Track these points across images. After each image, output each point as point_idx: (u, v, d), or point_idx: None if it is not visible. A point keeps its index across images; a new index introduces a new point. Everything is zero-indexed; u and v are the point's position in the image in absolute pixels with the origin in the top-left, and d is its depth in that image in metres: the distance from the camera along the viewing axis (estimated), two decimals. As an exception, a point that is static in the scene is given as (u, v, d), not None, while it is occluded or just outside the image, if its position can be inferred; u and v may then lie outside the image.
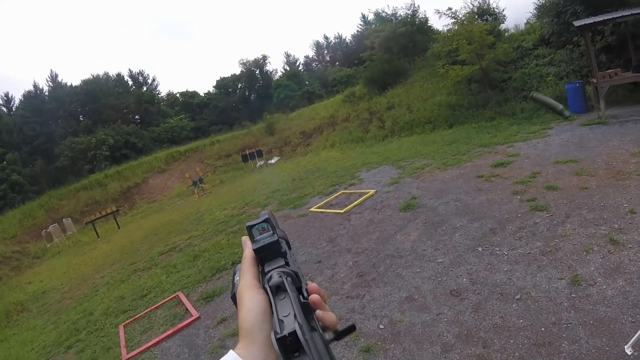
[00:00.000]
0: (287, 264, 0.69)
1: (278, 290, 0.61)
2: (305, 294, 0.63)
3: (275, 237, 0.70)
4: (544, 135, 10.89)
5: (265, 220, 0.73)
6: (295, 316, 0.54)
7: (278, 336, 0.51)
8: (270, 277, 0.64)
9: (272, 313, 0.59)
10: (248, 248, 0.73)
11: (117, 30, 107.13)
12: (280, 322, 0.55)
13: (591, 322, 3.59)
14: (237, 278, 0.72)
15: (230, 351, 0.57)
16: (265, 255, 0.70)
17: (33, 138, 41.90)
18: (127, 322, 6.95)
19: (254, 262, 0.71)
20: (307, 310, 0.59)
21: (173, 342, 5.73)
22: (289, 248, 0.76)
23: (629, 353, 3.11)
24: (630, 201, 5.61)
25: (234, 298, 0.69)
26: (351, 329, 0.60)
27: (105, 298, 8.78)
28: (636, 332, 3.14)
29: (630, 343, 3.14)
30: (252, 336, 0.59)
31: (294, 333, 0.50)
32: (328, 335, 0.58)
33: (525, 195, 6.95)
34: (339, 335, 0.59)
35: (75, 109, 49.15)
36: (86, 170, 35.52)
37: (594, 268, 4.34)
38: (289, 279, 0.64)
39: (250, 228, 0.73)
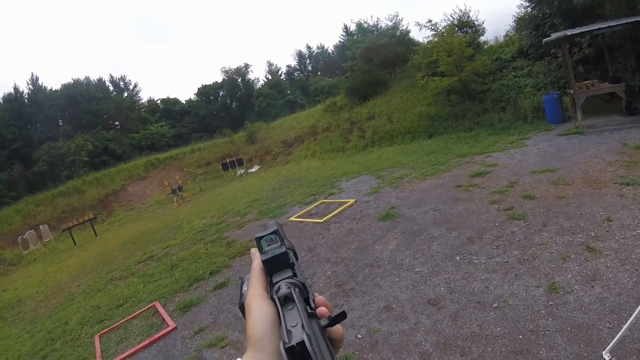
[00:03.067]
0: (294, 274, 0.69)
1: (286, 300, 0.62)
2: (313, 305, 0.65)
3: (283, 249, 0.71)
4: (522, 145, 11.00)
5: (274, 232, 0.74)
6: (303, 326, 0.55)
7: (287, 346, 0.51)
8: (279, 288, 0.65)
9: (280, 323, 0.59)
10: (257, 259, 0.74)
11: (99, 35, 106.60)
12: (289, 332, 0.55)
13: (569, 328, 3.59)
14: (245, 288, 0.73)
15: (238, 359, 0.57)
16: (273, 267, 0.71)
17: (11, 142, 40.93)
18: (103, 332, 6.80)
19: (262, 273, 0.72)
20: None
21: (149, 353, 5.62)
22: (297, 259, 0.77)
23: (607, 358, 3.11)
24: (607, 209, 5.67)
25: (242, 308, 0.70)
26: (342, 315, 0.62)
27: (81, 307, 8.60)
28: (614, 338, 3.15)
29: (608, 348, 3.15)
30: (261, 346, 0.59)
31: (302, 343, 0.51)
32: (323, 322, 0.60)
33: (502, 205, 6.99)
34: (332, 321, 0.61)
35: (55, 114, 48.35)
36: (64, 176, 34.81)
37: (571, 275, 4.35)
38: (297, 289, 0.64)
39: (259, 239, 0.74)
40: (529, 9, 16.30)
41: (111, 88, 57.89)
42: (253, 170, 25.22)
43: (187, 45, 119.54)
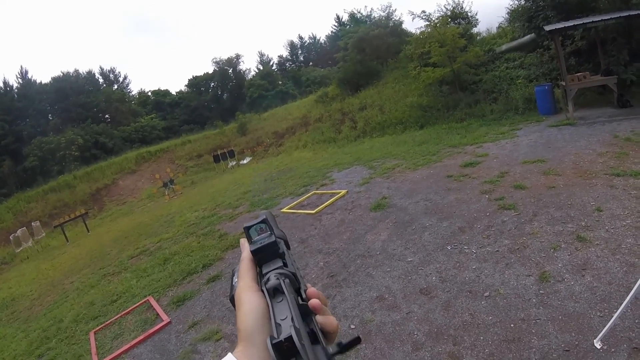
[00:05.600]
0: (285, 264, 0.68)
1: (275, 292, 0.60)
2: (304, 295, 0.63)
3: (272, 238, 0.70)
4: (513, 136, 11.04)
5: (263, 221, 0.73)
6: (292, 320, 0.53)
7: (274, 341, 0.49)
8: (268, 279, 0.63)
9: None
10: (246, 250, 0.73)
11: (88, 27, 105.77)
12: (278, 325, 0.54)
13: (560, 317, 3.62)
14: (236, 280, 0.71)
15: (229, 354, 0.56)
16: (263, 257, 0.70)
17: (1, 137, 40.50)
18: (97, 328, 6.75)
19: (252, 264, 0.71)
20: (305, 312, 0.58)
21: (144, 348, 5.60)
22: (288, 248, 0.76)
23: (599, 347, 3.13)
24: (597, 199, 5.70)
25: (232, 300, 0.68)
26: (356, 341, 0.57)
27: (75, 304, 8.53)
28: (605, 326, 3.17)
29: (599, 337, 3.17)
30: (251, 339, 0.58)
31: (290, 338, 0.48)
32: (332, 349, 0.54)
33: (493, 195, 7.01)
34: (344, 348, 0.56)
35: (44, 108, 48.01)
36: (55, 171, 34.51)
37: (561, 265, 4.38)
38: (287, 280, 0.63)
39: (247, 229, 0.73)
40: (523, 1, 16.29)
41: (101, 80, 57.57)
42: (244, 161, 25.15)
43: (178, 36, 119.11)
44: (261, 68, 64.55)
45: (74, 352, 6.22)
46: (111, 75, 59.52)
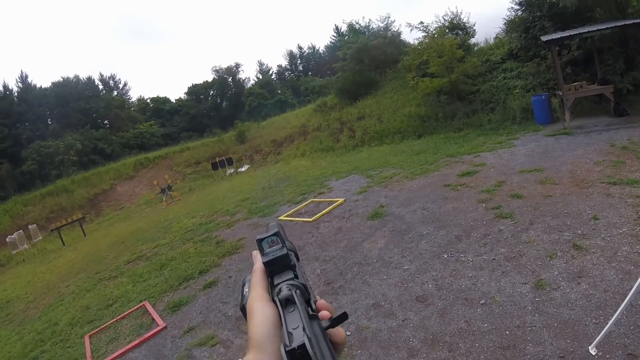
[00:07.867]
0: (296, 276, 0.70)
1: (287, 302, 0.62)
2: (314, 306, 0.64)
3: (284, 250, 0.72)
4: (510, 145, 11.08)
5: (275, 234, 0.75)
6: (304, 329, 0.54)
7: (287, 349, 0.51)
8: (280, 290, 0.65)
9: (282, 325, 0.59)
10: (258, 261, 0.74)
11: (89, 33, 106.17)
12: (290, 334, 0.55)
13: (555, 324, 3.62)
14: (247, 290, 0.73)
15: None
16: (274, 268, 0.71)
17: (0, 141, 40.59)
18: (92, 332, 6.72)
19: (263, 275, 0.72)
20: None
21: (139, 353, 5.58)
22: (298, 260, 0.77)
23: (594, 353, 3.14)
24: (594, 208, 5.72)
25: (243, 309, 0.70)
26: (344, 316, 0.62)
27: (70, 308, 8.48)
28: (600, 333, 3.17)
29: (594, 343, 3.18)
30: (263, 348, 0.59)
31: (303, 346, 0.50)
32: (324, 323, 0.60)
33: (490, 204, 7.03)
34: (334, 322, 0.61)
35: (44, 112, 48.10)
36: (53, 175, 34.44)
37: (557, 273, 4.39)
38: (298, 291, 0.64)
39: (260, 241, 0.74)
40: (519, 12, 16.42)
41: (101, 87, 57.62)
42: (243, 169, 25.16)
43: (178, 44, 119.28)
44: (260, 77, 64.84)
45: (68, 355, 6.19)
46: (111, 82, 59.77)
